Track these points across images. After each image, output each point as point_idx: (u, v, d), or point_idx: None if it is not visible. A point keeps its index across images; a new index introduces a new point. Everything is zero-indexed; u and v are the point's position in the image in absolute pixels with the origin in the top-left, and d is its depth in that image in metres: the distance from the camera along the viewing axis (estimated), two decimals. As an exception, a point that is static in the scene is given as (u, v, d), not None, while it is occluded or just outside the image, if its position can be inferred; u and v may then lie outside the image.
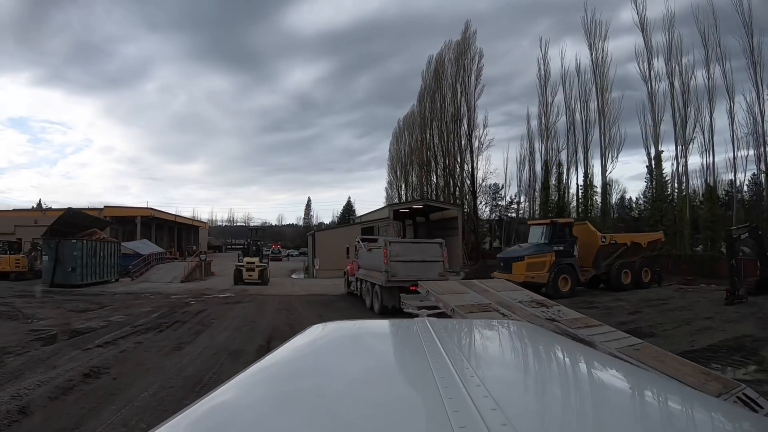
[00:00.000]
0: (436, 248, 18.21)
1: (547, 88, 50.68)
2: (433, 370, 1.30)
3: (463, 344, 1.94)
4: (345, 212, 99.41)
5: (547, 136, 51.28)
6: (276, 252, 64.30)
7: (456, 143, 57.34)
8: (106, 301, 19.97)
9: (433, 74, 60.58)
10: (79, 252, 26.19)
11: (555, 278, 22.06)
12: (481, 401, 1.05)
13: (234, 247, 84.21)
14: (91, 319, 15.44)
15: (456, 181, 57.83)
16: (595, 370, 1.72)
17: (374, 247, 19.09)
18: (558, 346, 2.16)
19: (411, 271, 16.77)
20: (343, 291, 24.01)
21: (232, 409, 1.26)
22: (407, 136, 70.85)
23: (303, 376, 1.54)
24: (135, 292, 24.20)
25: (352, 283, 22.24)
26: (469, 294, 10.42)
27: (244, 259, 30.72)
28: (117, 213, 52.30)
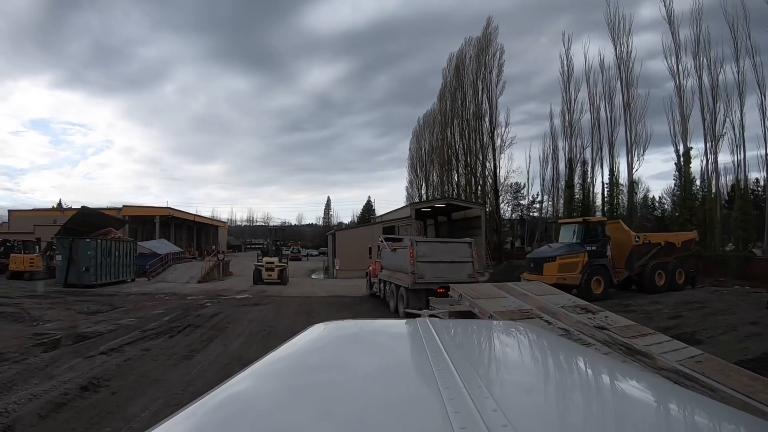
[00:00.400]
0: (465, 248, 17.04)
1: (570, 84, 48.96)
2: (434, 371, 1.30)
3: (465, 345, 1.89)
4: (365, 212, 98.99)
5: (570, 133, 49.55)
6: (295, 251, 63.56)
7: (478, 141, 56.30)
8: (118, 303, 19.10)
9: (454, 71, 59.44)
10: (93, 251, 25.49)
11: (588, 280, 20.78)
12: (482, 402, 1.06)
13: (253, 247, 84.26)
14: (99, 322, 14.55)
15: (478, 180, 56.78)
16: (595, 372, 1.73)
17: (399, 246, 17.96)
18: (559, 347, 2.12)
19: (439, 273, 15.83)
20: (365, 292, 22.97)
21: (231, 408, 1.26)
22: (428, 135, 70.00)
23: (303, 375, 1.54)
24: (150, 292, 23.37)
25: (375, 284, 21.18)
26: (506, 298, 9.70)
27: (263, 259, 30.28)
28: (135, 212, 52.83)
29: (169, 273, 33.18)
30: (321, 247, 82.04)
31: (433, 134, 67.50)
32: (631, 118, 43.86)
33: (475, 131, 56.42)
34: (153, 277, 31.31)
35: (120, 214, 51.69)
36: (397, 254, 17.83)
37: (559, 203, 52.06)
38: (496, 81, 54.05)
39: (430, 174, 69.42)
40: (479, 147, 55.79)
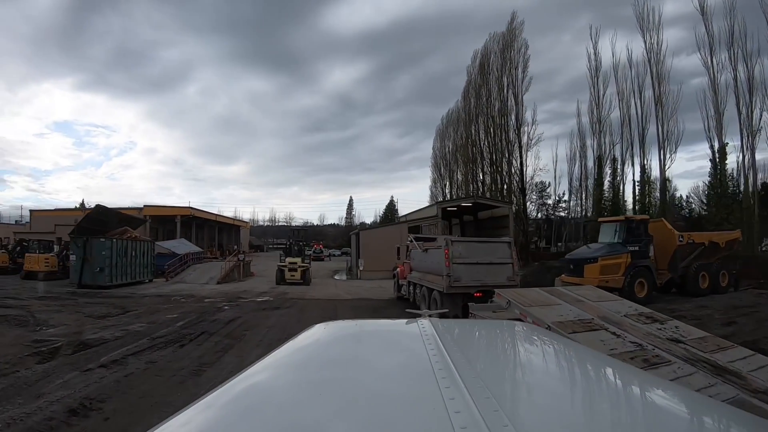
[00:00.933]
0: (505, 248, 15.55)
1: (598, 80, 47.46)
2: (434, 370, 1.31)
3: (466, 344, 1.88)
4: (387, 211, 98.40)
5: (599, 129, 48.05)
6: (318, 252, 62.47)
7: (503, 139, 54.70)
8: (131, 305, 17.95)
9: (479, 68, 57.99)
10: (108, 251, 24.51)
11: (631, 282, 19.28)
12: (482, 402, 1.06)
13: (276, 247, 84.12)
14: (107, 327, 13.36)
15: (504, 178, 55.20)
16: (596, 372, 1.72)
17: (431, 247, 16.49)
18: (561, 347, 2.05)
19: (476, 275, 14.57)
20: (392, 295, 21.70)
21: (230, 408, 1.25)
22: (451, 133, 68.50)
23: (303, 375, 1.54)
24: (166, 294, 22.24)
25: (403, 286, 19.89)
26: (561, 306, 8.70)
27: (286, 259, 29.94)
28: (156, 212, 52.06)
29: (187, 273, 32.13)
30: (343, 247, 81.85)
31: (457, 132, 66.11)
32: (663, 113, 42.47)
33: (500, 128, 54.94)
34: (171, 278, 30.29)
35: (141, 214, 51.55)
36: (429, 255, 16.42)
37: (587, 202, 50.83)
38: (521, 77, 52.60)
39: (454, 173, 68.20)
40: (505, 145, 54.29)
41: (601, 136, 47.78)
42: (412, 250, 18.49)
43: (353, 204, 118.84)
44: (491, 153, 56.57)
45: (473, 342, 2.08)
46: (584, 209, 51.42)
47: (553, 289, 10.66)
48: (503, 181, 54.77)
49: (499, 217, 42.37)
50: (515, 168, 53.37)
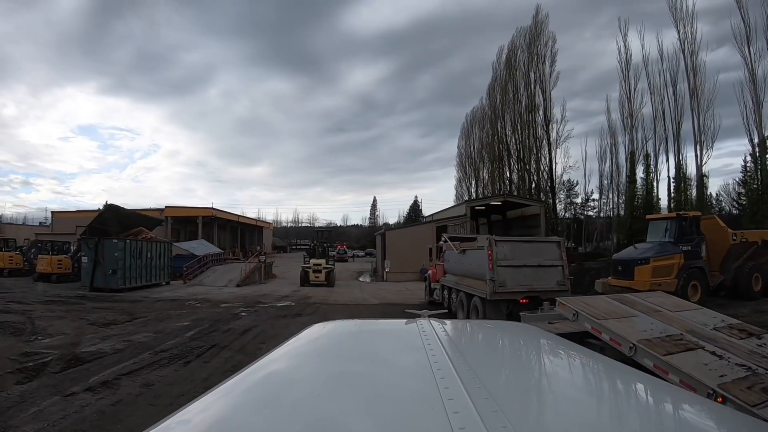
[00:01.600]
0: (554, 249, 13.75)
1: (629, 72, 44.92)
2: (433, 371, 1.31)
3: (465, 345, 1.87)
4: (411, 211, 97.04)
5: (631, 124, 45.48)
6: (341, 252, 61.06)
7: (531, 136, 53.09)
8: (141, 311, 16.51)
9: (505, 63, 56.39)
10: (120, 253, 23.19)
11: (684, 285, 17.28)
12: (481, 403, 1.06)
13: (299, 248, 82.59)
14: (108, 337, 11.91)
15: (532, 177, 53.30)
16: (595, 373, 1.71)
17: (470, 247, 14.72)
18: (559, 348, 2.07)
19: (523, 280, 12.93)
20: (422, 299, 19.96)
21: (232, 408, 1.25)
22: (477, 131, 66.74)
23: (303, 375, 1.54)
24: (181, 298, 20.81)
25: (436, 290, 18.18)
26: (639, 318, 7.49)
27: (310, 260, 29.43)
28: (178, 213, 51.59)
29: (206, 276, 30.76)
30: (367, 247, 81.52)
31: (482, 130, 64.32)
32: (699, 106, 39.89)
33: (528, 125, 53.27)
34: (189, 281, 28.90)
35: (162, 215, 50.75)
36: (467, 257, 14.69)
37: (618, 200, 47.93)
38: (549, 72, 50.89)
39: (480, 172, 66.27)
40: (533, 142, 52.70)
41: (633, 132, 45.32)
42: (447, 252, 16.81)
43: (377, 204, 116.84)
44: (518, 150, 54.97)
45: (472, 342, 2.07)
46: (616, 208, 48.77)
47: (621, 296, 9.18)
48: (531, 179, 53.13)
49: (530, 216, 40.38)
50: (544, 165, 51.96)
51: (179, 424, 1.13)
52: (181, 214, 52.47)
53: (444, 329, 1.90)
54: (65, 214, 51.98)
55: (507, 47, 55.70)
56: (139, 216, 29.36)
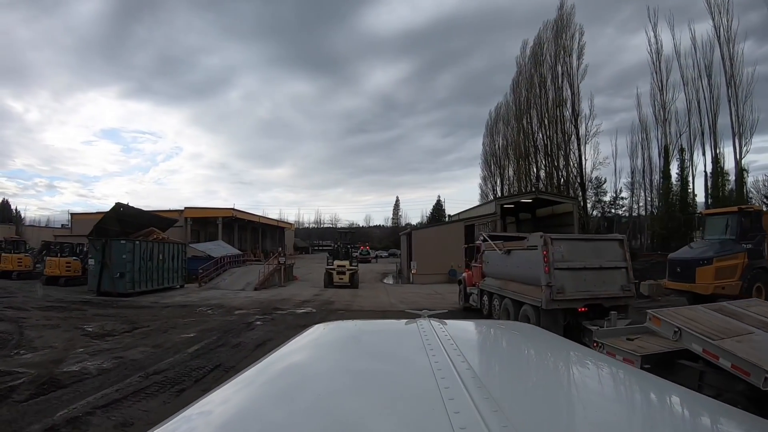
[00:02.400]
0: (615, 248, 11.68)
1: (660, 64, 42.79)
2: (434, 371, 1.30)
3: (465, 345, 1.73)
4: (435, 211, 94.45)
5: (664, 117, 43.36)
6: (364, 253, 59.37)
7: (559, 131, 51.24)
8: (145, 319, 14.82)
9: (531, 57, 54.81)
10: (129, 255, 21.59)
11: (748, 288, 15.16)
12: (482, 403, 1.06)
13: (321, 249, 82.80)
14: (99, 352, 10.24)
15: (560, 173, 51.22)
16: (596, 373, 1.70)
17: (517, 247, 12.72)
18: (560, 348, 2.06)
19: (583, 285, 10.90)
20: (455, 304, 17.96)
21: (232, 408, 1.26)
22: (501, 127, 64.92)
23: (303, 375, 1.53)
24: (192, 303, 19.12)
25: (472, 295, 16.14)
26: (757, 335, 5.92)
27: (334, 262, 28.98)
28: (197, 214, 50.24)
29: (222, 279, 29.07)
30: (390, 248, 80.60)
31: (507, 126, 62.69)
32: (737, 96, 37.93)
33: (555, 120, 51.53)
34: (204, 283, 27.20)
35: (181, 215, 49.47)
36: (513, 258, 12.76)
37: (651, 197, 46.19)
38: (576, 64, 48.96)
39: (506, 169, 64.35)
40: (561, 137, 50.82)
41: (666, 125, 43.26)
42: (486, 252, 14.84)
43: (399, 204, 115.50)
44: (546, 146, 53.24)
45: (473, 342, 2.03)
46: (648, 205, 46.81)
47: (720, 306, 7.40)
48: (560, 175, 51.16)
49: (561, 214, 38.01)
50: (573, 162, 49.95)
51: (181, 424, 1.12)
52: (200, 215, 51.20)
53: (444, 329, 1.87)
54: (85, 216, 50.83)
55: (532, 41, 54.31)
56: (151, 215, 27.82)
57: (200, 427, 1.15)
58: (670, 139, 42.86)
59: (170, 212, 54.08)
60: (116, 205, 23.36)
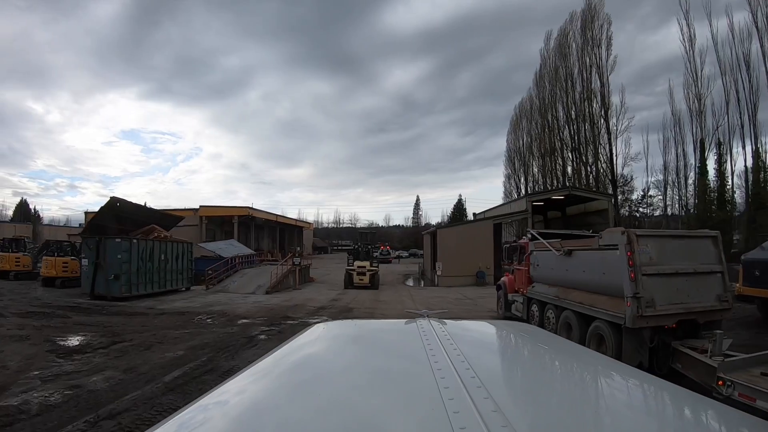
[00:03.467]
0: (709, 247, 9.08)
1: (694, 52, 39.83)
2: (433, 371, 1.29)
3: (465, 345, 1.67)
4: (456, 210, 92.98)
5: (699, 109, 40.39)
6: (384, 253, 57.19)
7: (588, 125, 48.84)
8: (132, 330, 12.64)
9: (556, 49, 52.26)
10: (125, 254, 19.47)
11: None
12: (481, 403, 1.05)
13: (340, 249, 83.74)
14: (56, 378, 8.14)
15: (588, 170, 48.63)
16: (596, 373, 1.68)
17: (584, 247, 10.25)
18: (559, 347, 2.07)
19: (675, 295, 8.34)
20: (494, 312, 15.77)
21: (230, 408, 1.25)
22: (526, 124, 62.59)
23: (303, 375, 1.51)
24: (192, 310, 16.88)
25: (516, 303, 13.74)
26: None
27: (354, 262, 28.52)
28: (212, 213, 49.03)
29: (232, 281, 26.80)
30: (411, 248, 79.91)
31: (531, 122, 60.44)
32: None
33: (583, 114, 49.18)
34: (212, 286, 25.12)
35: (196, 214, 48.22)
36: (577, 260, 10.36)
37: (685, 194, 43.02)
38: (606, 56, 46.50)
39: (530, 167, 61.87)
40: (590, 132, 48.51)
41: (702, 117, 40.31)
42: (536, 253, 12.40)
43: (420, 204, 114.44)
44: (573, 142, 50.89)
45: (472, 342, 1.93)
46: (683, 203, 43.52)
47: None
48: (588, 172, 48.57)
49: (595, 212, 35.18)
50: (603, 157, 47.33)
51: (178, 427, 1.11)
52: (215, 214, 49.72)
53: (444, 329, 1.86)
54: (96, 214, 49.54)
55: (557, 32, 52.06)
56: (152, 212, 25.61)
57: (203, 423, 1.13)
58: (706, 132, 40.07)
59: (184, 211, 52.60)
60: (111, 199, 20.97)
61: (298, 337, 1.93)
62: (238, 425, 1.11)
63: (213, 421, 1.15)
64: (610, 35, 46.02)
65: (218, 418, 1.17)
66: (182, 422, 1.12)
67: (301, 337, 1.94)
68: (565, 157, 53.13)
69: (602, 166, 47.50)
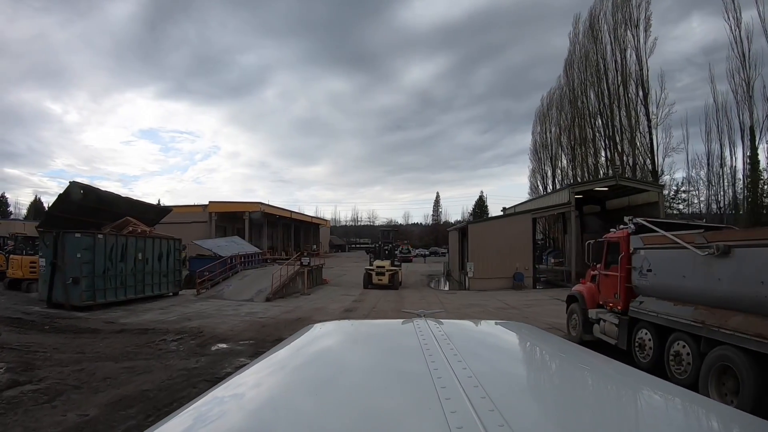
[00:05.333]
0: None
1: (740, 31, 35.57)
2: (430, 370, 1.28)
3: (462, 344, 1.64)
4: (477, 207, 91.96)
5: (748, 93, 36.13)
6: (405, 252, 53.71)
7: (624, 113, 44.89)
8: (61, 357, 8.84)
9: (588, 30, 48.13)
10: (86, 253, 15.64)
11: None
12: (478, 402, 1.04)
13: (358, 247, 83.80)
14: None
15: (625, 161, 44.40)
16: (593, 372, 1.64)
17: (754, 240, 6.18)
18: (556, 347, 2.00)
19: None
20: (554, 326, 12.07)
21: (227, 408, 1.23)
22: (554, 113, 58.78)
23: (299, 375, 1.49)
24: (161, 326, 13.00)
25: (604, 323, 9.86)
26: None
27: (374, 262, 27.79)
28: (222, 208, 46.98)
29: (229, 284, 22.83)
30: (430, 246, 78.92)
31: (560, 112, 56.79)
32: None
33: (618, 101, 45.30)
34: (205, 290, 21.36)
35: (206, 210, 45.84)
36: (741, 264, 6.20)
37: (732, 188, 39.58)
38: (644, 36, 42.51)
39: (559, 159, 58.49)
40: (626, 119, 44.56)
41: (751, 103, 36.18)
42: (646, 252, 8.35)
43: (440, 201, 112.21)
44: (606, 130, 47.14)
45: (469, 342, 1.89)
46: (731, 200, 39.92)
47: None
48: (624, 163, 44.22)
49: (642, 205, 30.57)
50: (644, 146, 43.35)
51: (175, 427, 1.09)
52: (225, 210, 47.19)
53: (440, 328, 1.84)
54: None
55: (588, 12, 47.98)
56: (128, 201, 21.05)
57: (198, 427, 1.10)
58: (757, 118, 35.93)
59: (193, 207, 49.75)
60: (71, 185, 16.56)
61: (294, 337, 1.92)
62: (234, 425, 1.10)
63: (209, 422, 1.12)
64: (648, 15, 42.14)
65: (212, 420, 1.14)
66: (178, 423, 1.11)
67: (298, 337, 1.91)
68: (598, 147, 49.34)
69: (640, 157, 43.58)
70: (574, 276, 26.66)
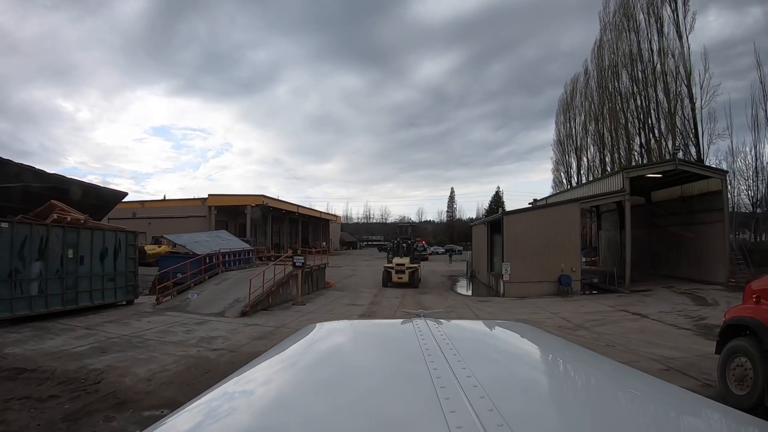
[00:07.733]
0: None
1: None
2: (429, 370, 1.28)
3: (461, 345, 1.64)
4: (493, 204, 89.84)
5: None
6: (421, 249, 49.77)
7: (661, 94, 41.14)
8: None
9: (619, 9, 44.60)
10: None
11: None
12: (477, 402, 1.04)
13: (370, 244, 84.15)
14: None
15: (663, 149, 40.52)
16: (592, 372, 1.65)
17: None
18: (555, 347, 2.01)
19: None
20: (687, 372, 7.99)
21: (225, 408, 1.23)
22: (580, 101, 55.27)
23: (297, 376, 1.49)
24: (53, 364, 8.14)
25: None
26: None
27: (393, 260, 27.32)
28: (222, 202, 44.93)
29: (201, 289, 17.79)
30: (446, 243, 78.38)
31: (587, 99, 53.50)
32: None
33: (655, 83, 41.54)
34: (169, 297, 16.76)
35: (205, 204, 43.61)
36: None
37: None
38: (683, 10, 38.20)
39: (587, 148, 54.93)
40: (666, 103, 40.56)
41: None
42: None
43: (455, 197, 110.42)
44: (641, 114, 43.57)
45: (468, 342, 1.89)
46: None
47: None
48: (663, 151, 40.22)
49: (698, 196, 25.56)
50: (688, 130, 39.24)
51: (173, 427, 1.10)
52: (225, 203, 44.72)
53: (440, 329, 1.82)
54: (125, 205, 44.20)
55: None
56: (48, 176, 15.59)
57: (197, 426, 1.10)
58: None
59: (191, 200, 46.24)
60: None
61: (294, 337, 1.93)
62: (232, 426, 1.09)
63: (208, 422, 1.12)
64: (686, -14, 37.85)
65: (208, 421, 1.13)
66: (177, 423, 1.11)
67: (296, 338, 1.91)
68: (631, 133, 45.28)
69: (682, 143, 39.32)
70: (628, 278, 22.00)
